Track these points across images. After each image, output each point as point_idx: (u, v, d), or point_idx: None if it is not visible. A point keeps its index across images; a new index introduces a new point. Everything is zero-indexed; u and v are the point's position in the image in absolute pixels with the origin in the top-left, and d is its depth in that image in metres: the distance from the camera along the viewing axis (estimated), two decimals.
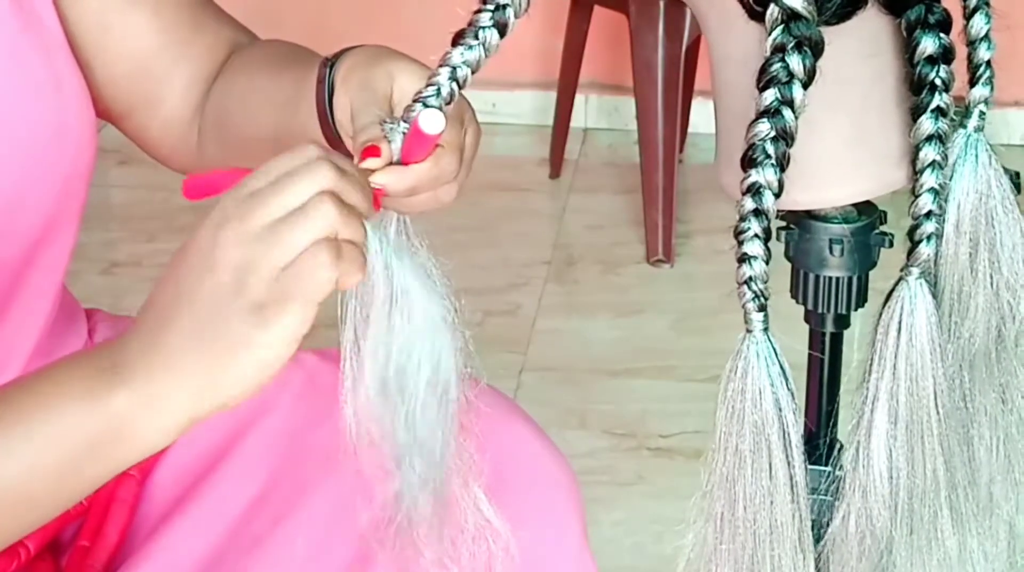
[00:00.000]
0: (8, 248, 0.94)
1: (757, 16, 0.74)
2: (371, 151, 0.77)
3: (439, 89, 0.76)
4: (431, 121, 0.76)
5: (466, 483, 0.86)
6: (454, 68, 0.76)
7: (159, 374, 0.70)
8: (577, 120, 3.10)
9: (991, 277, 0.80)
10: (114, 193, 2.95)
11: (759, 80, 0.73)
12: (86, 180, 0.99)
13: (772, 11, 0.73)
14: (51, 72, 0.94)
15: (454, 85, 0.76)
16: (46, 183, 0.95)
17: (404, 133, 0.78)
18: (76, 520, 1.00)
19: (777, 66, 0.73)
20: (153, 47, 1.00)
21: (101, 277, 2.62)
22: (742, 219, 0.75)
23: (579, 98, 3.04)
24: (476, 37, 0.75)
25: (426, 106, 0.76)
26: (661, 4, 2.64)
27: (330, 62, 0.88)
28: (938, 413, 0.79)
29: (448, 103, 0.77)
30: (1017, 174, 0.82)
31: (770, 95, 0.73)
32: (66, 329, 1.04)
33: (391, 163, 0.78)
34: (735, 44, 0.77)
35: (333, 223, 0.69)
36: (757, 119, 0.73)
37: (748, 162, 0.74)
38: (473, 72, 0.76)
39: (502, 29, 0.76)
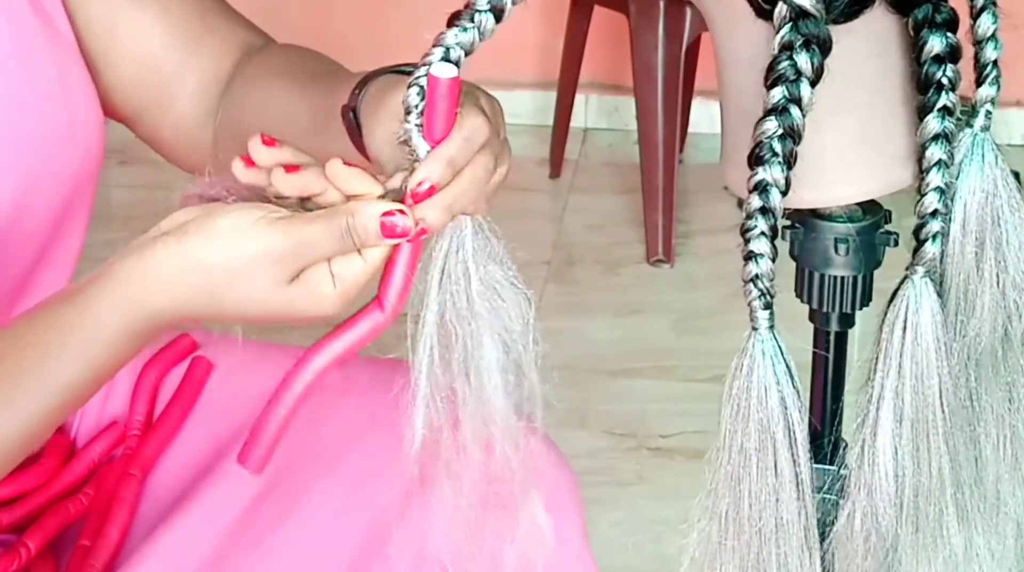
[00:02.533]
0: (18, 248, 0.94)
1: (765, 14, 0.74)
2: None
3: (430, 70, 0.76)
4: (442, 68, 0.74)
5: (526, 488, 0.86)
6: (447, 48, 0.75)
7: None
8: (577, 120, 3.09)
9: (997, 276, 0.80)
10: (114, 193, 2.95)
11: (767, 78, 0.73)
12: (94, 180, 0.99)
13: (780, 9, 0.73)
14: (61, 74, 0.94)
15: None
16: (55, 184, 0.95)
17: (419, 124, 0.76)
18: (77, 519, 0.99)
19: (785, 64, 0.73)
20: (161, 48, 1.00)
21: None
22: (748, 217, 0.75)
23: (579, 98, 3.04)
24: (472, 20, 0.75)
25: (420, 86, 0.75)
26: (661, 4, 2.64)
27: (352, 108, 0.86)
28: (943, 411, 0.79)
29: None
30: (1017, 174, 0.82)
31: (778, 93, 0.73)
32: None
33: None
34: (742, 42, 0.77)
35: None
36: (765, 117, 0.73)
37: (755, 160, 0.74)
38: (467, 54, 0.75)
39: (498, 14, 0.75)
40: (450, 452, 0.83)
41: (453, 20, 0.76)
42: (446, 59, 0.75)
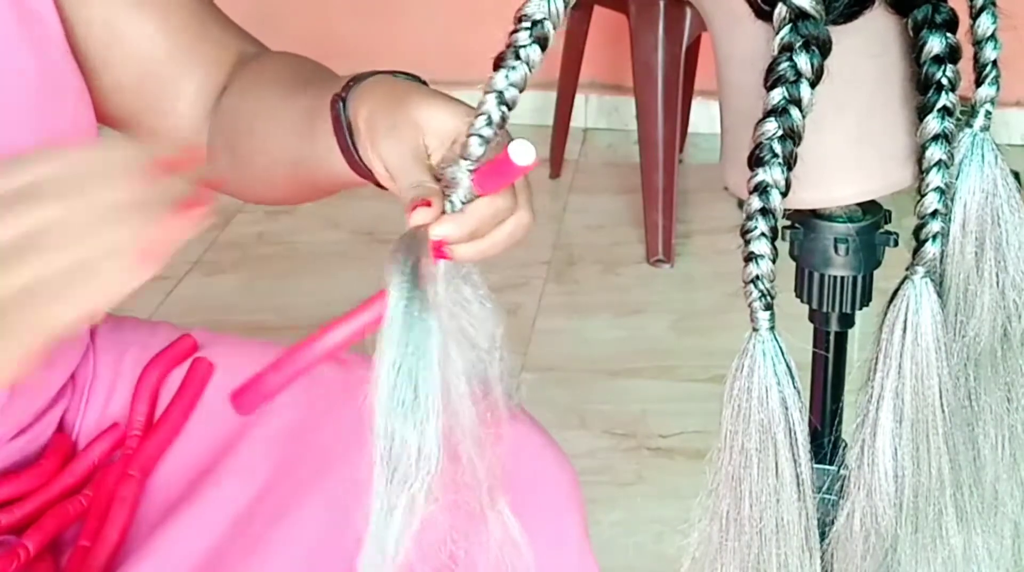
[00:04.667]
0: None
1: (765, 15, 0.74)
2: (420, 204, 0.77)
3: (489, 117, 0.76)
4: (523, 152, 0.74)
5: (493, 498, 0.86)
6: (500, 92, 0.75)
7: None
8: (577, 120, 3.10)
9: (997, 276, 0.80)
10: None
11: (767, 79, 0.73)
12: None
13: (780, 10, 0.73)
14: (47, 75, 0.94)
15: (503, 109, 0.76)
16: None
17: (471, 170, 0.77)
18: (76, 520, 0.99)
19: (785, 65, 0.73)
20: (160, 54, 1.00)
21: None
22: (749, 218, 0.75)
23: (579, 98, 3.04)
24: (517, 57, 0.75)
25: (480, 136, 0.76)
26: (661, 4, 2.64)
27: (341, 98, 0.87)
28: (943, 412, 0.79)
29: (501, 127, 0.76)
30: (1017, 174, 0.82)
31: (777, 94, 0.73)
32: None
33: (444, 212, 0.78)
34: (742, 43, 0.77)
35: None
36: (764, 118, 0.73)
37: (755, 161, 0.74)
38: (520, 91, 0.76)
39: (543, 43, 0.75)
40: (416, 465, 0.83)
41: (499, 62, 0.76)
42: (501, 102, 0.76)
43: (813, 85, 0.73)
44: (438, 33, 3.21)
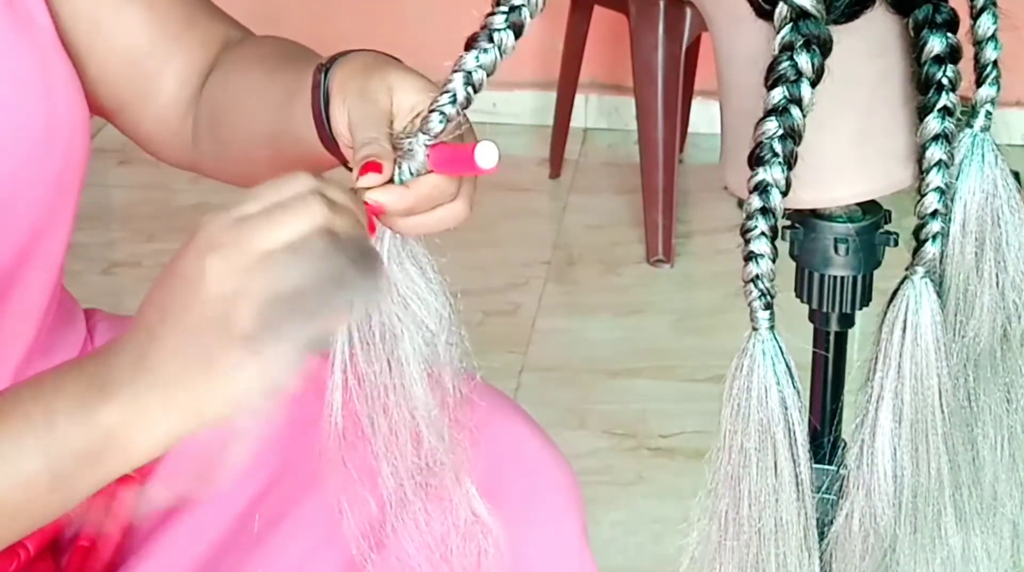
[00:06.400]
0: (1, 246, 0.94)
1: (765, 14, 0.74)
2: (371, 167, 0.77)
3: (454, 95, 0.76)
4: (488, 155, 0.74)
5: (458, 478, 0.86)
6: (469, 73, 0.76)
7: (146, 392, 0.71)
8: (577, 120, 3.10)
9: (997, 276, 0.80)
10: (114, 193, 2.95)
11: (767, 78, 0.73)
12: (79, 177, 0.98)
13: (781, 9, 0.73)
14: (41, 69, 0.94)
15: (469, 90, 0.76)
16: (37, 181, 0.94)
17: (428, 145, 0.77)
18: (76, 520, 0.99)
19: (785, 64, 0.73)
20: (145, 43, 1.00)
21: (101, 277, 2.62)
22: (749, 217, 0.75)
23: (579, 98, 3.04)
24: (490, 40, 0.75)
25: (442, 112, 0.76)
26: (661, 4, 2.64)
27: (325, 67, 0.87)
28: (942, 412, 0.79)
29: (465, 107, 0.76)
30: (1017, 174, 0.82)
31: (778, 93, 0.73)
32: (64, 328, 1.04)
33: (390, 181, 0.78)
34: (743, 42, 0.77)
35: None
36: (765, 117, 0.73)
37: (756, 160, 0.74)
38: (488, 75, 0.76)
39: (517, 30, 0.76)
40: (383, 441, 0.83)
41: (471, 43, 0.76)
42: (468, 83, 0.76)
43: (814, 84, 0.73)
44: (439, 30, 3.21)
